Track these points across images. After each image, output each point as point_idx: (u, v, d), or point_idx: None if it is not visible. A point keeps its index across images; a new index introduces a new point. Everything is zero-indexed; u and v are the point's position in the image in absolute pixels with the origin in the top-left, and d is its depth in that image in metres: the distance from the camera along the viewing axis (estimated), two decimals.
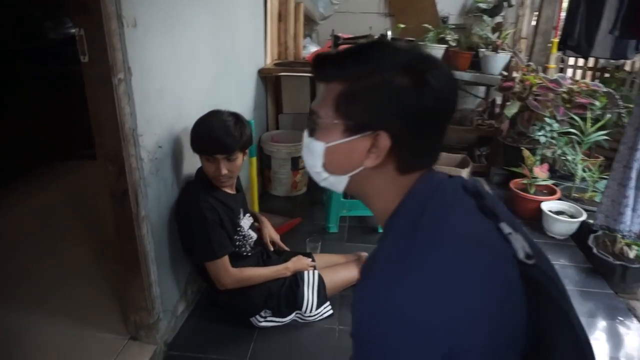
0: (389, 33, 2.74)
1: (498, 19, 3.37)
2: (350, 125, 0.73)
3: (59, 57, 3.08)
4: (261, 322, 1.82)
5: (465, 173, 2.96)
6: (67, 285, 2.01)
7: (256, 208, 2.44)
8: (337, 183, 0.79)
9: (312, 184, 3.13)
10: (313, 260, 2.04)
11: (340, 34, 2.93)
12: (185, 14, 1.73)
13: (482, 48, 3.17)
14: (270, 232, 2.10)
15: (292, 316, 1.86)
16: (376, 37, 2.79)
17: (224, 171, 1.65)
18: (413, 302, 0.60)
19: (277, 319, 1.83)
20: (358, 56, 0.74)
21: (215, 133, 1.62)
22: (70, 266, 2.14)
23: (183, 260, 1.83)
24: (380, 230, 2.52)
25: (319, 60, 0.78)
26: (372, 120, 0.71)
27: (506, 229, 0.71)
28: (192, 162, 1.84)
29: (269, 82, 3.09)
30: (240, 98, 2.52)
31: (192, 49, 1.81)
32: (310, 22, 3.62)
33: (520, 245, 0.69)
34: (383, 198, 0.77)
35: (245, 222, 1.88)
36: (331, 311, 1.89)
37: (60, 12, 3.24)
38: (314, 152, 0.78)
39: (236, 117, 1.71)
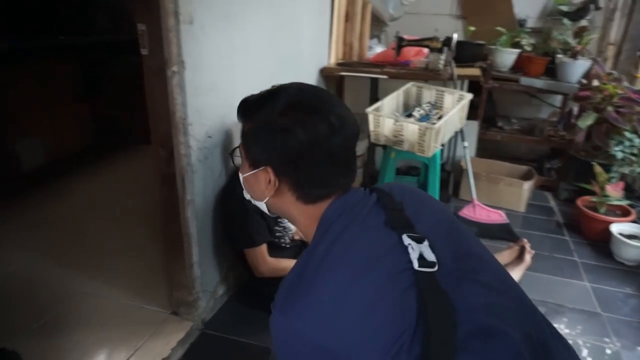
0: (455, 36, 2.65)
1: (581, 23, 3.13)
2: (249, 161, 0.87)
3: None
4: None
5: (527, 186, 2.80)
6: (124, 259, 2.20)
7: None
8: (260, 206, 0.94)
9: (366, 184, 3.13)
10: None
11: (405, 36, 2.89)
12: (244, 12, 1.81)
13: (560, 54, 2.96)
14: None
15: None
16: (441, 39, 2.72)
17: None
18: (305, 325, 0.69)
19: None
20: (258, 102, 0.86)
21: None
22: (130, 242, 2.33)
23: (225, 246, 1.92)
24: None
25: (241, 104, 0.91)
26: (260, 156, 0.84)
27: (406, 240, 0.75)
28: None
29: (331, 82, 3.13)
30: None
31: (249, 46, 1.90)
32: (379, 23, 3.60)
33: (416, 256, 0.73)
34: (302, 224, 0.88)
35: None
36: None
37: None
38: (240, 181, 0.94)
39: None
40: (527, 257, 2.15)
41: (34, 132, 2.88)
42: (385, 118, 2.26)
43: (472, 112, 3.06)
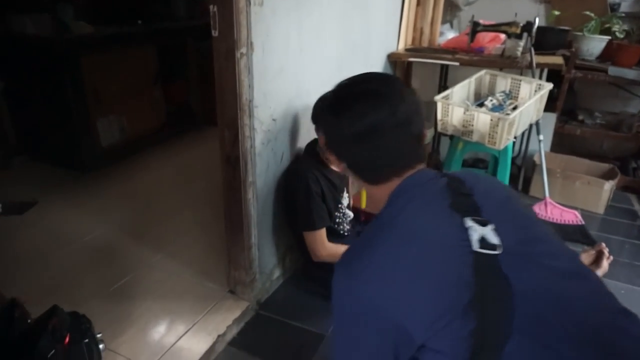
0: (537, 20, 2.46)
1: None
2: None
3: None
4: None
5: (608, 186, 2.57)
6: (189, 237, 2.28)
7: (365, 192, 2.45)
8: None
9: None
10: None
11: (481, 20, 2.73)
12: None
13: None
14: None
15: None
16: (521, 24, 2.53)
17: None
18: (359, 285, 0.74)
19: None
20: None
21: None
22: (197, 220, 2.42)
23: (284, 229, 1.93)
24: None
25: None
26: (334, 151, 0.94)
27: (468, 223, 0.76)
28: (305, 140, 1.91)
29: (399, 67, 3.03)
30: None
31: (318, 29, 1.87)
32: (452, 7, 3.44)
33: (477, 237, 0.73)
34: (381, 204, 0.90)
35: (345, 200, 1.91)
36: None
37: None
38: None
39: None
40: (605, 263, 1.98)
41: (113, 112, 3.06)
42: (454, 107, 2.16)
43: (550, 104, 2.83)
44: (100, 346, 1.44)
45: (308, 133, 1.92)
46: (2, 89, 2.95)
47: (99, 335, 1.45)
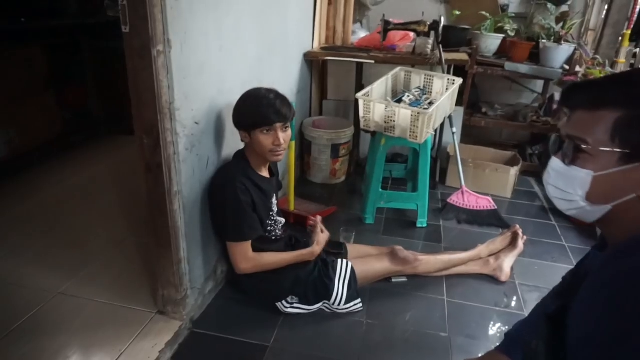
0: (442, 19, 2.60)
1: (563, 8, 3.14)
2: (629, 153, 0.71)
3: (117, 34, 3.18)
4: (287, 308, 1.78)
5: (514, 171, 2.79)
6: (104, 256, 2.06)
7: (292, 193, 2.40)
8: (594, 212, 0.78)
9: (351, 173, 3.07)
10: (345, 251, 1.98)
11: (391, 19, 2.82)
12: None
13: (544, 39, 2.96)
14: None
15: (319, 305, 1.81)
16: (429, 23, 2.66)
17: (282, 140, 1.63)
18: None
19: (304, 307, 1.79)
20: (631, 82, 0.74)
21: (268, 103, 1.60)
22: (110, 238, 2.19)
23: (214, 239, 1.82)
24: (423, 225, 2.43)
25: (578, 87, 0.79)
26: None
27: None
28: (230, 143, 1.82)
29: (315, 66, 3.03)
30: (283, 80, 2.48)
31: (237, 26, 1.78)
32: (361, 7, 3.52)
33: None
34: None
35: (275, 208, 1.85)
36: (361, 307, 1.82)
37: None
38: (575, 181, 0.77)
39: (278, 92, 1.69)
40: (520, 243, 2.16)
41: None
42: (376, 103, 2.19)
43: (458, 98, 3.02)
44: None
45: (233, 135, 1.82)
46: None
47: None
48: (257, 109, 1.60)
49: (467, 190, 2.61)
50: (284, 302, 1.78)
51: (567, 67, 2.91)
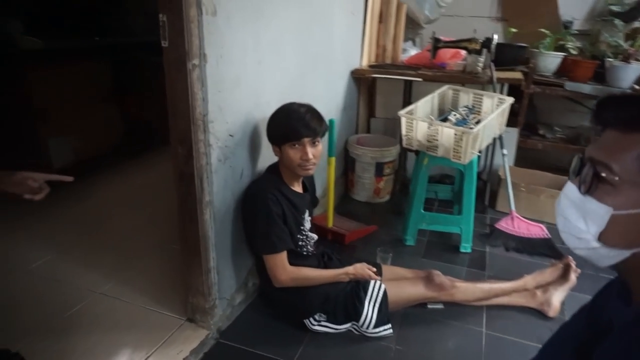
0: (495, 36, 2.50)
1: (634, 24, 2.91)
2: None
3: None
4: (315, 325, 1.74)
5: None
6: (144, 261, 2.14)
7: (331, 210, 2.38)
8: (608, 257, 0.65)
9: (395, 192, 2.99)
10: (380, 272, 1.92)
11: (441, 37, 2.75)
12: (272, 5, 1.73)
13: (610, 57, 2.75)
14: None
15: (347, 325, 1.76)
16: (481, 40, 2.57)
17: (311, 155, 1.62)
18: None
19: (331, 325, 1.75)
20: None
21: (298, 118, 1.60)
22: (152, 243, 2.28)
23: (246, 251, 1.83)
24: (467, 250, 2.31)
25: (614, 100, 0.66)
26: None
27: None
28: (266, 157, 1.83)
29: (363, 84, 3.02)
30: (327, 96, 2.49)
31: (276, 42, 1.81)
32: (414, 25, 3.47)
33: None
34: None
35: (307, 224, 1.83)
36: (391, 332, 1.75)
37: None
38: (589, 216, 0.65)
39: (310, 107, 1.69)
40: (573, 276, 1.97)
41: (65, 131, 2.89)
42: (418, 121, 2.13)
43: (512, 119, 2.87)
44: None
45: (269, 149, 1.84)
46: None
47: None
48: (286, 123, 1.61)
49: (518, 216, 2.46)
50: (311, 319, 1.74)
51: (637, 87, 2.68)
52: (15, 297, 1.84)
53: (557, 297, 1.92)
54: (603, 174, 0.62)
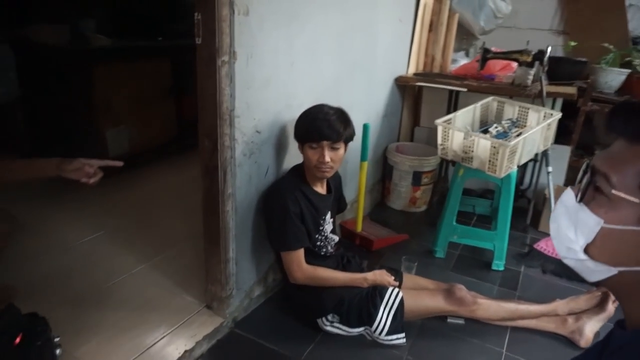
0: (549, 49, 2.38)
1: None
2: None
3: None
4: (327, 325, 1.75)
5: None
6: (177, 248, 2.25)
7: (360, 215, 2.37)
8: (594, 271, 0.62)
9: (433, 203, 2.92)
10: (400, 280, 1.88)
11: (492, 48, 2.67)
12: (309, 10, 1.77)
13: None
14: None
15: (360, 329, 1.75)
16: (533, 52, 2.46)
17: (327, 158, 1.63)
18: None
19: (344, 327, 1.74)
20: None
21: (320, 120, 1.62)
22: (187, 233, 2.38)
23: (267, 247, 1.87)
24: (499, 268, 2.21)
25: (627, 108, 0.62)
26: None
27: None
28: (294, 158, 1.87)
29: (408, 92, 2.99)
30: (367, 102, 2.49)
31: (312, 46, 1.85)
32: (469, 36, 3.39)
33: None
34: None
35: (329, 226, 1.84)
36: (404, 341, 1.71)
37: None
38: (579, 225, 0.62)
39: (341, 111, 1.70)
40: (610, 307, 1.83)
41: (123, 123, 3.11)
42: (454, 131, 2.08)
43: (567, 137, 2.73)
44: (57, 351, 1.40)
45: (296, 147, 1.88)
46: (18, 96, 3.06)
47: (56, 340, 1.41)
48: (310, 123, 1.64)
49: None
50: (324, 319, 1.75)
51: None
52: (56, 271, 2.00)
53: (590, 326, 1.79)
54: (598, 184, 0.59)
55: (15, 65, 2.98)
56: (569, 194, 0.66)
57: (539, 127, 2.06)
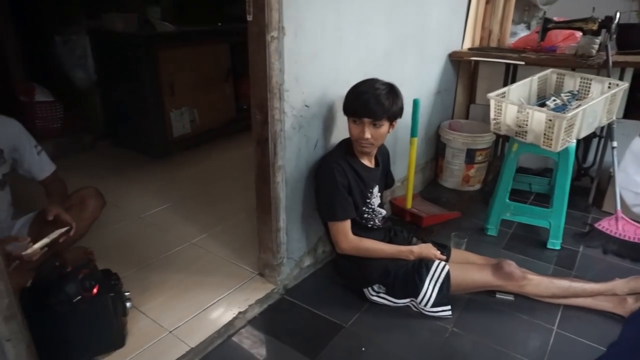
0: (618, 15, 2.22)
1: None
2: None
3: None
4: (373, 295, 1.80)
5: None
6: (234, 219, 2.39)
7: (410, 191, 2.38)
8: None
9: (488, 181, 2.85)
10: (447, 254, 1.89)
11: (555, 18, 2.53)
12: None
13: None
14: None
15: (406, 301, 1.78)
16: (600, 19, 2.31)
17: (367, 135, 1.66)
18: None
19: (389, 298, 1.78)
20: None
21: (365, 96, 1.63)
22: (243, 205, 2.51)
23: (317, 218, 1.94)
24: (555, 247, 2.15)
25: None
26: None
27: None
28: (342, 132, 1.90)
29: (462, 68, 2.92)
30: (417, 78, 2.47)
31: (361, 19, 1.87)
32: (531, 7, 3.23)
33: None
34: None
35: (376, 199, 1.86)
36: (450, 314, 1.72)
37: None
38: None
39: (390, 86, 1.70)
40: None
41: (186, 104, 3.30)
42: (507, 104, 2.02)
43: (638, 111, 2.55)
44: (127, 304, 1.56)
45: (345, 123, 1.92)
46: (95, 80, 3.33)
47: (126, 294, 1.57)
48: (353, 98, 1.66)
49: (624, 217, 2.19)
50: (370, 289, 1.80)
51: None
52: (127, 238, 2.20)
53: None
54: None
55: (92, 52, 3.25)
56: (638, 141, 0.66)
57: (601, 97, 1.95)
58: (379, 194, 1.91)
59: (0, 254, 1.05)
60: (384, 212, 1.92)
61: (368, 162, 1.82)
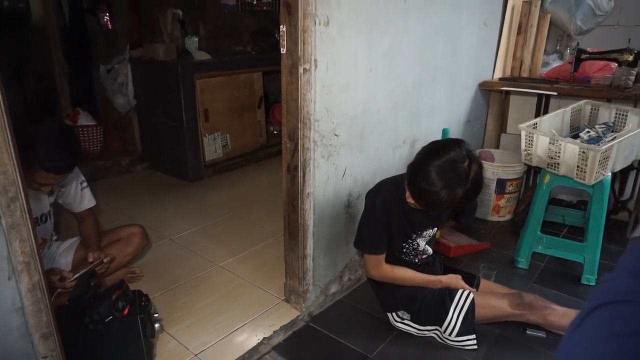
0: None
1: None
2: None
3: None
4: (397, 321, 1.78)
5: None
6: (262, 244, 2.42)
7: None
8: None
9: (519, 213, 2.80)
10: (476, 285, 1.85)
11: (589, 49, 2.51)
12: (388, 17, 1.83)
13: None
14: None
15: (430, 328, 1.74)
16: (636, 50, 2.28)
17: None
18: None
19: (414, 325, 1.76)
20: None
21: (439, 197, 1.46)
22: (272, 231, 2.54)
23: (343, 246, 1.95)
24: (589, 283, 2.07)
25: None
26: None
27: None
28: (372, 162, 1.92)
29: (494, 97, 2.91)
30: (447, 107, 2.47)
31: (391, 50, 1.91)
32: (564, 37, 3.20)
33: None
34: None
35: (423, 240, 1.77)
36: (475, 346, 1.68)
37: None
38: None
39: (473, 184, 1.56)
40: None
41: (219, 130, 3.40)
42: (539, 135, 2.00)
43: None
44: (156, 325, 1.60)
45: (375, 153, 1.94)
46: (134, 105, 3.48)
47: (156, 315, 1.61)
48: (426, 188, 1.47)
49: None
50: (394, 314, 1.78)
51: None
52: (158, 259, 2.26)
53: None
54: None
55: (132, 79, 3.41)
56: None
57: (638, 130, 1.90)
58: (434, 233, 1.82)
59: (46, 280, 1.12)
60: (430, 251, 1.85)
61: None
